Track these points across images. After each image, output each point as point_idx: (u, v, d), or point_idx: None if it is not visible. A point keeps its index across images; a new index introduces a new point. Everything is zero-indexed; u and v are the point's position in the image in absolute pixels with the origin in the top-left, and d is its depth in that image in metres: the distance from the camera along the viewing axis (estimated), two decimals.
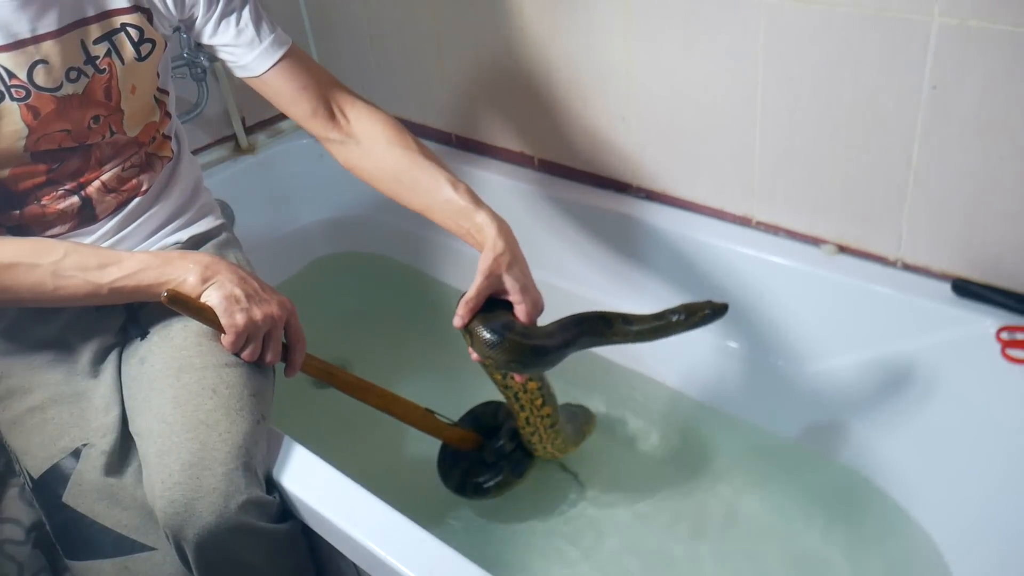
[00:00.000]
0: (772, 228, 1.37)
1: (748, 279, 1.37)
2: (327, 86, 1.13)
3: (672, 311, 1.08)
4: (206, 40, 1.09)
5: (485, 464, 1.31)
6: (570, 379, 1.58)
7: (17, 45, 0.93)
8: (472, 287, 1.01)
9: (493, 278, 1.01)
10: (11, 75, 0.94)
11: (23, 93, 0.95)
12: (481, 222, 1.04)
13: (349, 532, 0.92)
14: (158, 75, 1.08)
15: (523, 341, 1.01)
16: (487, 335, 1.01)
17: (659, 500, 1.36)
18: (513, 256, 1.03)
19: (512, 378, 1.16)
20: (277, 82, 1.10)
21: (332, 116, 1.12)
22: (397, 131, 1.12)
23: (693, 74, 1.32)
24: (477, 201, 1.06)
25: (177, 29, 1.13)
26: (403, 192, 1.11)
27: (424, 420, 1.25)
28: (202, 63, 1.71)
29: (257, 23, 1.08)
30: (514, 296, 1.03)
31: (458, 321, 1.02)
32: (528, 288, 1.03)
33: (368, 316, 1.87)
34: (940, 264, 1.21)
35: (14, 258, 0.94)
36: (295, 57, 1.11)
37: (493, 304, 1.04)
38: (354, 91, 1.16)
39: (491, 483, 1.30)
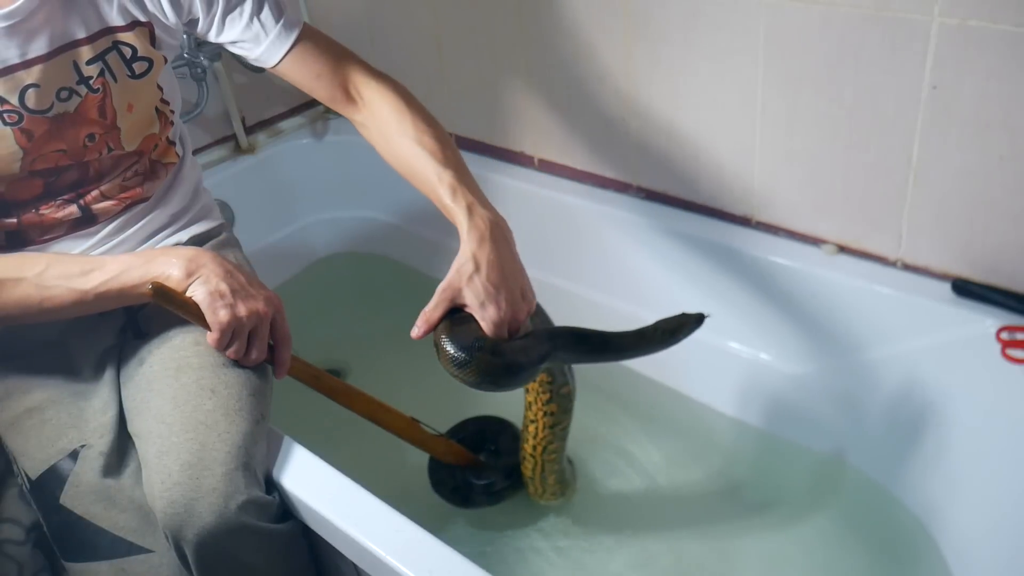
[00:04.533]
0: (772, 228, 1.37)
1: (748, 279, 1.37)
2: (341, 68, 1.08)
3: (650, 328, 1.08)
4: (214, 39, 1.07)
5: (469, 487, 1.31)
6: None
7: (7, 71, 0.92)
8: (432, 299, 0.95)
9: (450, 291, 0.95)
10: (3, 100, 0.93)
11: (16, 118, 0.94)
12: (458, 224, 0.98)
13: (349, 532, 0.92)
14: (160, 88, 1.06)
15: (492, 359, 0.94)
16: (453, 352, 0.93)
17: (654, 501, 1.36)
18: (476, 265, 0.94)
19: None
20: (292, 72, 1.07)
21: (351, 99, 1.09)
22: (398, 113, 1.06)
23: (693, 74, 1.32)
24: (456, 198, 0.99)
25: (186, 34, 1.10)
26: (409, 180, 1.06)
27: (409, 430, 1.22)
28: (202, 63, 1.71)
29: (262, 14, 1.04)
30: (474, 312, 0.95)
31: (416, 332, 0.95)
32: (487, 303, 0.94)
33: (368, 317, 1.87)
34: (940, 264, 1.21)
35: None
36: (305, 43, 1.06)
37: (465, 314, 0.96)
38: (368, 65, 1.11)
39: (466, 501, 1.32)
